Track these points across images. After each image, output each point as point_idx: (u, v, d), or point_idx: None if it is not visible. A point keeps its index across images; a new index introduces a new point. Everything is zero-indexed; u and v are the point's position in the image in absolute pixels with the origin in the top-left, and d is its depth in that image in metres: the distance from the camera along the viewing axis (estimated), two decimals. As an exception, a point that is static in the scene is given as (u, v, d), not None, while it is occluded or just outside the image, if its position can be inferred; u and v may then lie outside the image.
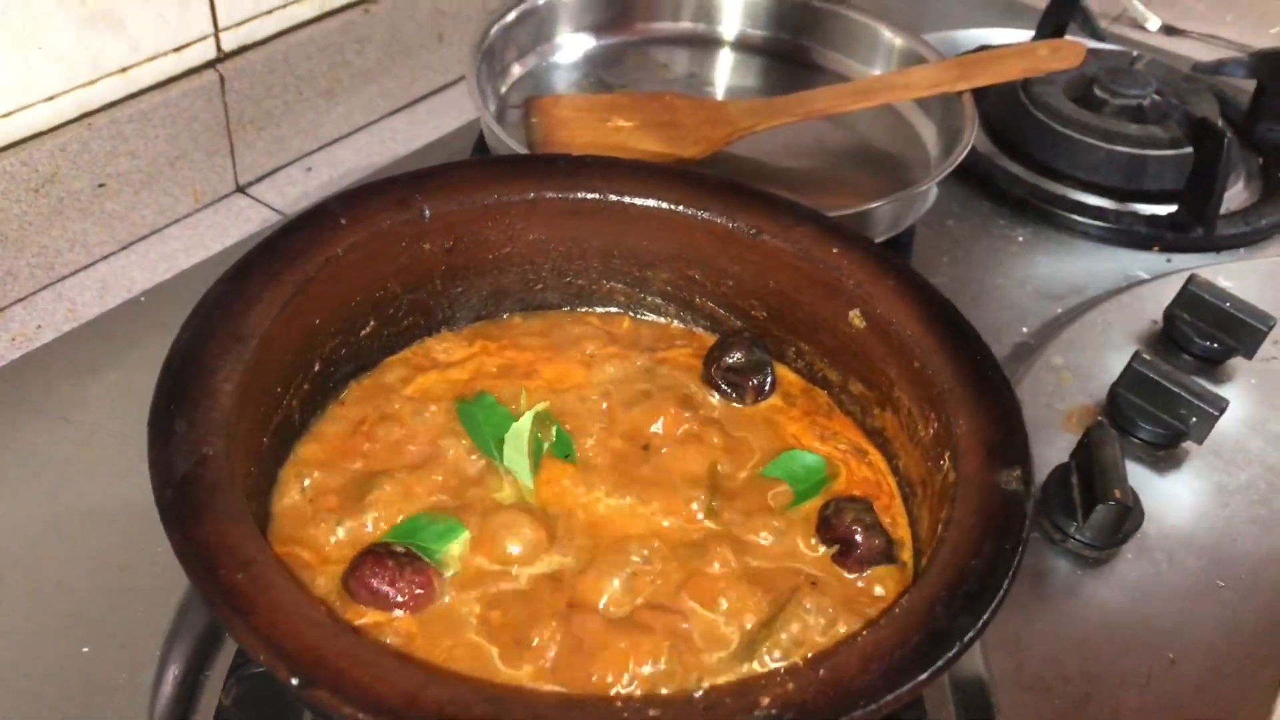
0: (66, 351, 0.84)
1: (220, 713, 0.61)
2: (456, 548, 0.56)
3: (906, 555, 0.59)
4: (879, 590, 0.56)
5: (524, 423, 0.60)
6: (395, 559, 0.53)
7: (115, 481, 0.74)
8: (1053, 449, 0.81)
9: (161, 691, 0.64)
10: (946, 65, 0.99)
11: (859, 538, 0.57)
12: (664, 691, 0.48)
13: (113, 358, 0.83)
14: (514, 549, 0.55)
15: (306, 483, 0.58)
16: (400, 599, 0.52)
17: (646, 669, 0.49)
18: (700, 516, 0.59)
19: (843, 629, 0.53)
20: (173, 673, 0.65)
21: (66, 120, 0.87)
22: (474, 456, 0.61)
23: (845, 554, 0.58)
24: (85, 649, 0.65)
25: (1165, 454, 0.83)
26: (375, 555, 0.53)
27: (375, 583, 0.52)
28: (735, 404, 0.67)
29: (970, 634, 0.45)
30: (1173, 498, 0.81)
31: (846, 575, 0.57)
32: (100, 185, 0.90)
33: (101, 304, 0.89)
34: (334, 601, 0.53)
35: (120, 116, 0.89)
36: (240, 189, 1.01)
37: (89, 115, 0.88)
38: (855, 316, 0.63)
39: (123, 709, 0.63)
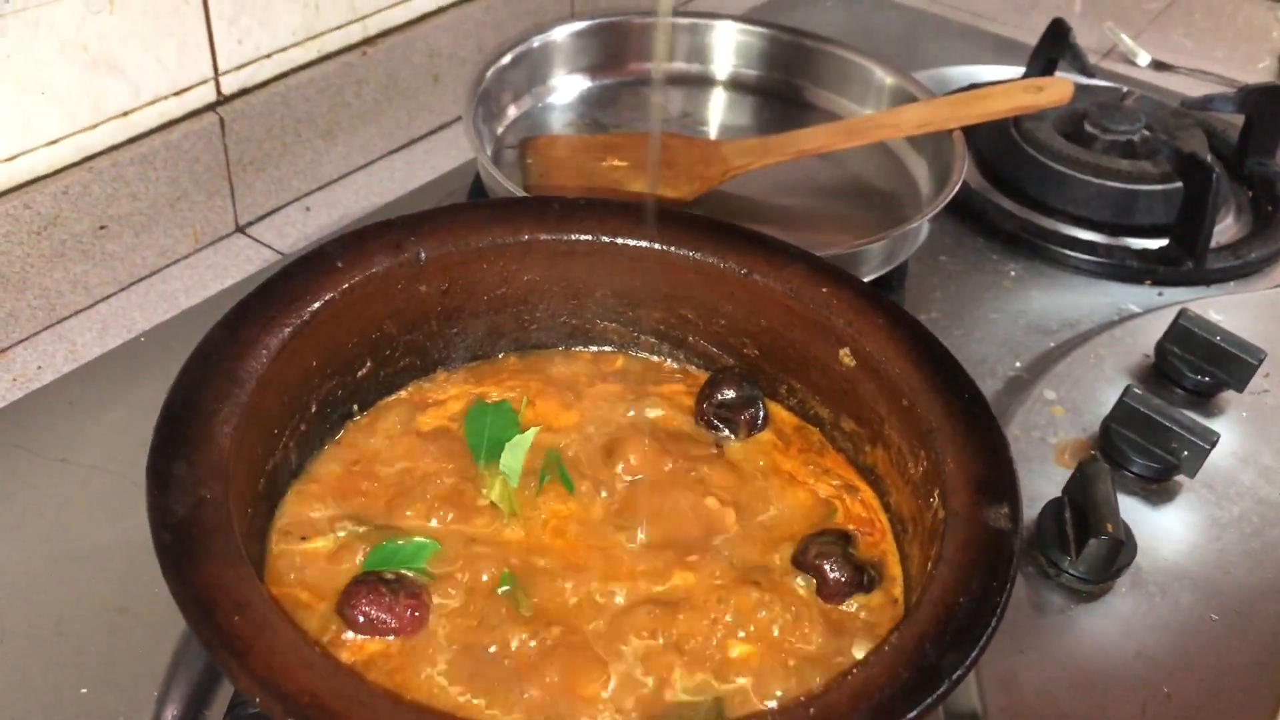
0: (67, 392, 0.84)
1: (218, 753, 0.61)
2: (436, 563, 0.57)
3: (897, 590, 0.59)
4: (864, 616, 0.58)
5: (528, 436, 0.62)
6: (387, 585, 0.54)
7: (114, 522, 0.74)
8: (1045, 483, 0.81)
9: (159, 734, 0.64)
10: (937, 103, 1.01)
11: (827, 570, 0.58)
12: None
13: (113, 398, 0.84)
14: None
15: (341, 534, 0.59)
16: (395, 624, 0.53)
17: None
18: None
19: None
20: (170, 713, 0.65)
21: (68, 164, 0.88)
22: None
23: (821, 587, 0.59)
24: (83, 690, 0.65)
25: (1158, 488, 0.84)
26: (367, 583, 0.54)
27: (371, 610, 0.53)
28: (729, 439, 0.67)
29: (959, 671, 0.46)
30: (1165, 531, 0.81)
31: (826, 606, 0.58)
32: (101, 227, 0.91)
33: (102, 344, 0.89)
34: (330, 631, 0.53)
35: (121, 159, 0.90)
36: (240, 229, 1.02)
37: (90, 159, 0.89)
38: (845, 355, 0.64)
39: None
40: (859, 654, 0.55)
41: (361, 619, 0.54)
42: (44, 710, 0.64)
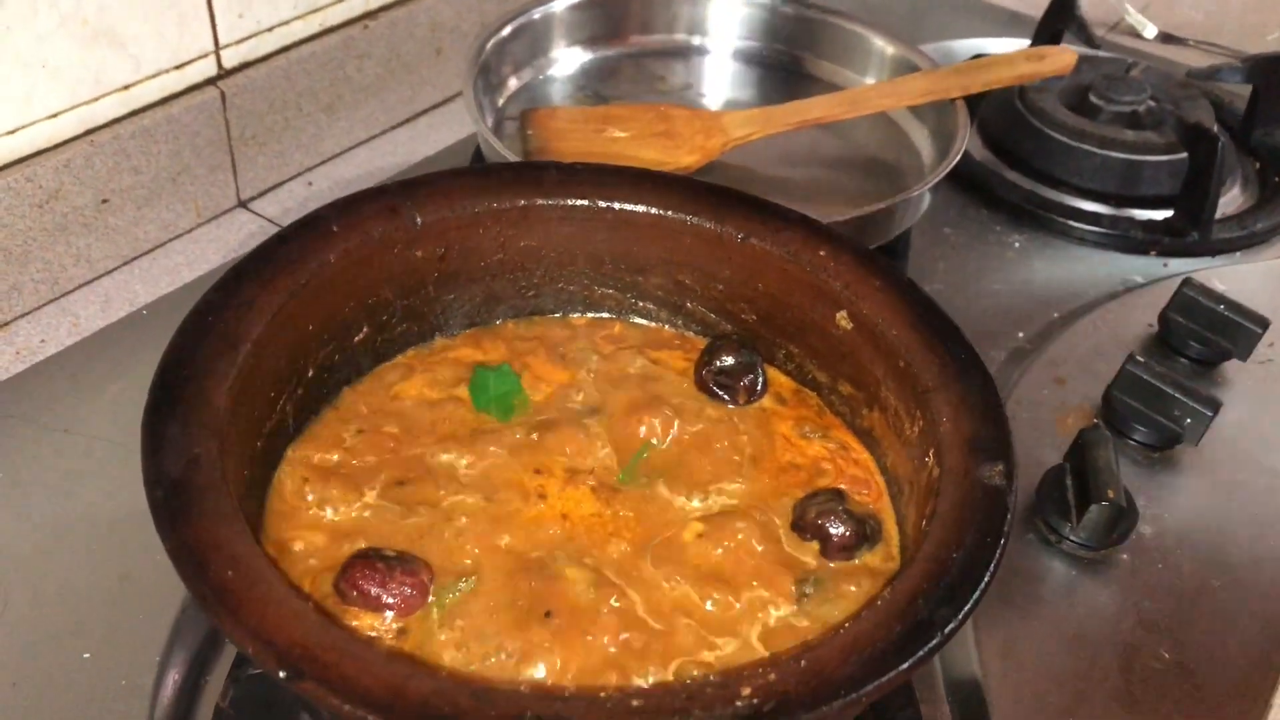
0: (69, 364, 0.85)
1: (218, 715, 0.62)
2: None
3: (894, 549, 0.59)
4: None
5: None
6: (385, 561, 0.54)
7: (116, 492, 0.74)
8: (1048, 451, 0.81)
9: (161, 697, 0.65)
10: (939, 73, 1.00)
11: (831, 528, 0.58)
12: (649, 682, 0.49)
13: (115, 371, 0.84)
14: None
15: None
16: (391, 600, 0.53)
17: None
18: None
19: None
20: (172, 678, 0.65)
21: (70, 137, 0.88)
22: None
23: (825, 547, 0.58)
24: (86, 655, 0.66)
25: (1160, 456, 0.83)
26: (365, 559, 0.54)
27: (366, 585, 0.53)
28: (728, 405, 0.67)
29: (951, 624, 0.46)
30: (1168, 499, 0.81)
31: (833, 565, 0.58)
32: (104, 201, 0.91)
33: (104, 317, 0.90)
34: (326, 601, 0.53)
35: (123, 133, 0.90)
36: (242, 204, 1.02)
37: (92, 132, 0.89)
38: (842, 318, 0.63)
39: (122, 714, 0.63)
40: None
41: (356, 594, 0.53)
42: (47, 675, 0.65)
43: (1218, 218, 1.05)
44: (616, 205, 0.67)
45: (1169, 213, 1.07)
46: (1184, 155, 1.06)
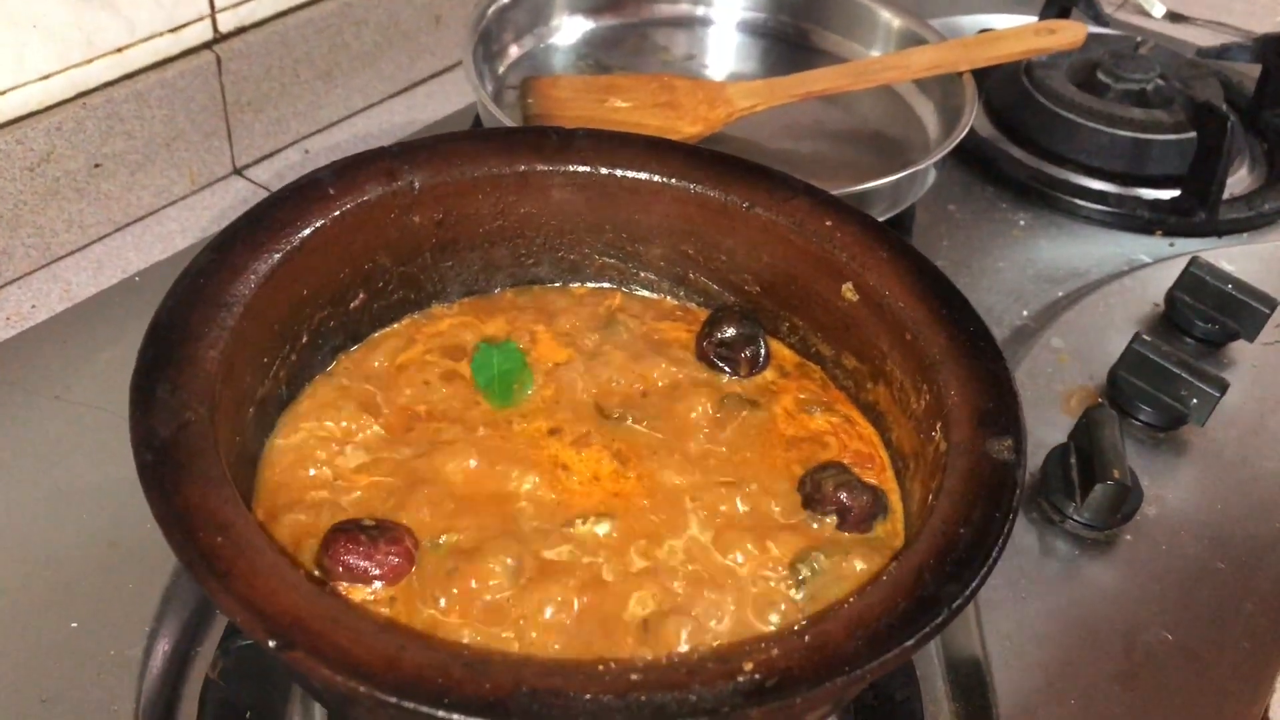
0: (60, 331, 0.84)
1: (208, 686, 0.61)
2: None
3: (899, 525, 0.58)
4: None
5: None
6: (366, 532, 0.52)
7: (106, 460, 0.73)
8: (1052, 431, 0.80)
9: (150, 667, 0.64)
10: (946, 46, 0.99)
11: (848, 501, 0.57)
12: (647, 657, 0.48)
13: (106, 338, 0.83)
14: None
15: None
16: (378, 571, 0.52)
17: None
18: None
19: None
20: (162, 648, 0.65)
21: (61, 100, 0.87)
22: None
23: (843, 521, 0.57)
24: (73, 625, 0.65)
25: (1166, 436, 0.83)
26: (345, 531, 0.52)
27: (351, 559, 0.51)
28: (730, 377, 0.66)
29: (958, 601, 0.45)
30: (1173, 480, 0.80)
31: (848, 536, 0.57)
32: (96, 166, 0.90)
33: (96, 284, 0.89)
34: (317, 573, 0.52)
35: (116, 97, 0.89)
36: (237, 171, 1.01)
37: (84, 95, 0.88)
38: (848, 290, 0.62)
39: (110, 684, 0.62)
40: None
41: (341, 568, 0.52)
42: (33, 644, 0.64)
43: (1225, 198, 1.04)
44: (619, 172, 0.65)
45: (1176, 192, 1.06)
46: (1192, 134, 1.05)
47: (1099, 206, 1.04)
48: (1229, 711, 0.67)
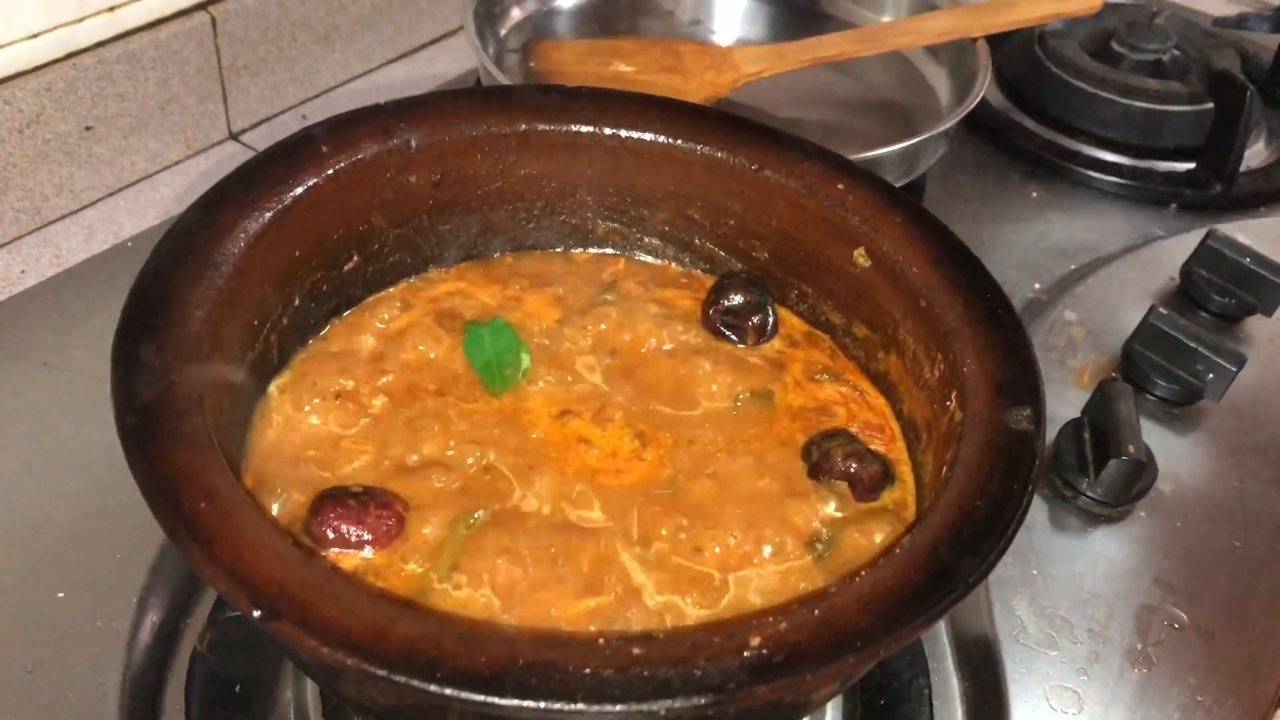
0: (50, 297, 0.82)
1: (196, 659, 0.59)
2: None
3: (910, 497, 0.56)
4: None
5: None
6: (355, 498, 0.50)
7: (95, 427, 0.69)
8: (1064, 405, 0.79)
9: (138, 639, 0.63)
10: (959, 11, 0.97)
11: (855, 470, 0.55)
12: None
13: (97, 304, 0.81)
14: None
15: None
16: (370, 536, 0.50)
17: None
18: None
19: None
20: (150, 620, 0.63)
21: (51, 60, 0.85)
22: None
23: (853, 489, 0.56)
24: (60, 594, 0.64)
25: (1181, 412, 0.81)
26: (333, 498, 0.50)
27: (343, 526, 0.50)
28: (737, 346, 0.64)
29: (974, 575, 0.43)
30: (1188, 456, 0.78)
31: (858, 505, 0.56)
32: (87, 128, 0.88)
33: (87, 249, 0.87)
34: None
35: (108, 57, 0.87)
36: (233, 136, 0.99)
37: (75, 55, 0.86)
38: (860, 255, 0.60)
39: (97, 656, 0.61)
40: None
41: (332, 535, 0.50)
42: (19, 614, 0.63)
43: (1241, 171, 1.02)
44: (623, 133, 0.63)
45: (1191, 165, 1.04)
46: (1209, 105, 1.03)
47: (1112, 179, 1.03)
48: (1245, 692, 0.65)
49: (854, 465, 0.55)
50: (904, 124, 0.97)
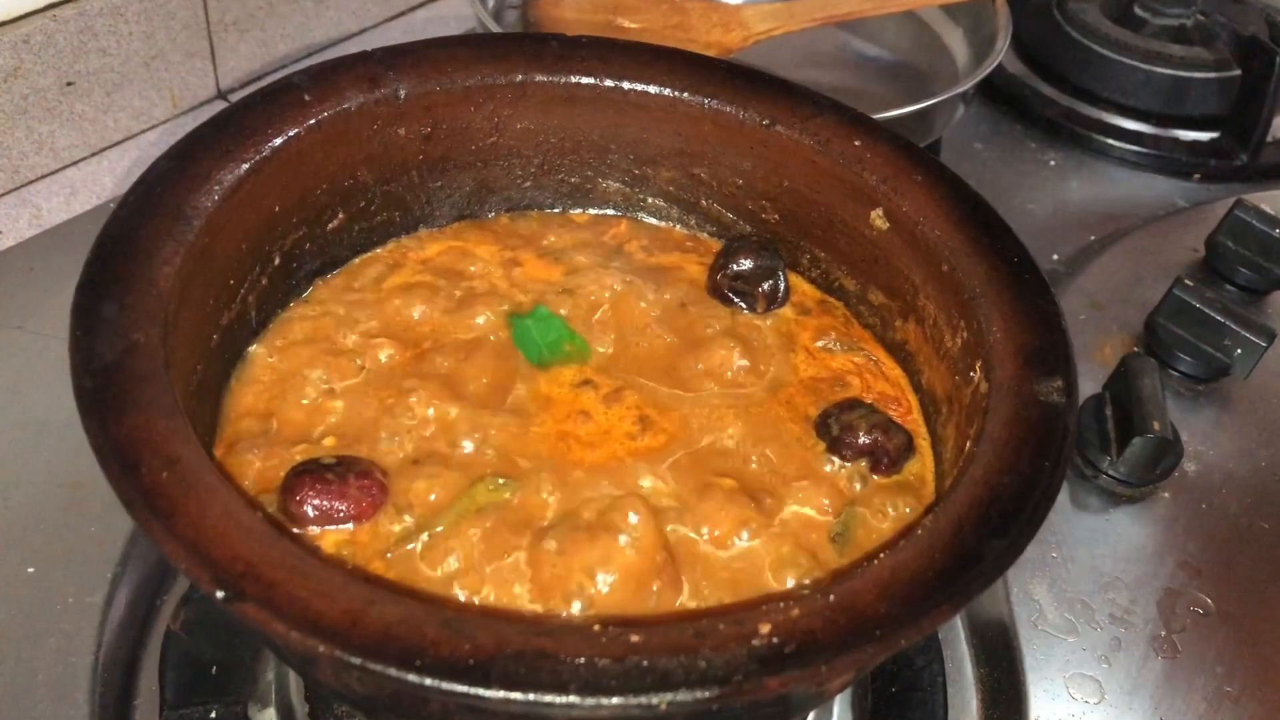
0: (28, 258, 0.80)
1: (169, 639, 0.56)
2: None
3: (929, 474, 0.53)
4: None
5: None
6: (331, 470, 0.47)
7: (70, 395, 0.68)
8: (1084, 380, 0.74)
9: (111, 616, 0.60)
10: (978, -33, 0.93)
11: (879, 441, 0.51)
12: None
13: (76, 267, 0.76)
14: None
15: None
16: (353, 510, 0.46)
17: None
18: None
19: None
20: (124, 596, 0.61)
21: (29, 10, 0.81)
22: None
23: (876, 463, 0.52)
24: (30, 569, 0.62)
25: (1206, 388, 0.78)
26: (309, 472, 0.47)
27: (321, 500, 0.46)
28: (746, 313, 0.60)
29: (1002, 559, 0.39)
30: (1214, 434, 0.76)
31: (879, 480, 0.53)
32: (68, 84, 0.84)
33: (68, 210, 0.85)
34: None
35: (89, 9, 0.83)
36: (222, 95, 0.96)
37: (54, 6, 0.82)
38: (877, 217, 0.56)
39: (68, 633, 0.59)
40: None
41: (312, 512, 0.47)
42: (-16, 589, 0.59)
43: (1268, 140, 0.99)
44: (625, 85, 0.59)
45: (1215, 134, 1.01)
46: (1234, 73, 1.00)
47: (1134, 147, 1.00)
48: (1275, 681, 0.63)
49: (878, 437, 0.51)
50: (919, 87, 0.94)
